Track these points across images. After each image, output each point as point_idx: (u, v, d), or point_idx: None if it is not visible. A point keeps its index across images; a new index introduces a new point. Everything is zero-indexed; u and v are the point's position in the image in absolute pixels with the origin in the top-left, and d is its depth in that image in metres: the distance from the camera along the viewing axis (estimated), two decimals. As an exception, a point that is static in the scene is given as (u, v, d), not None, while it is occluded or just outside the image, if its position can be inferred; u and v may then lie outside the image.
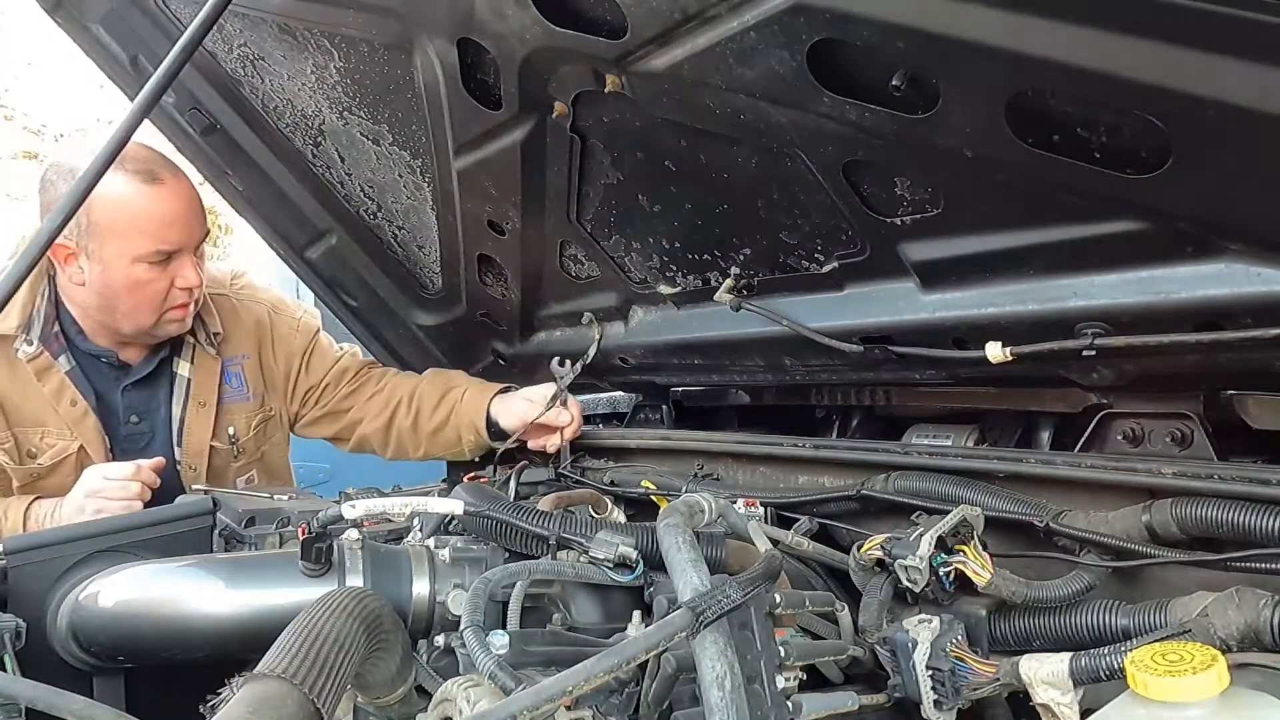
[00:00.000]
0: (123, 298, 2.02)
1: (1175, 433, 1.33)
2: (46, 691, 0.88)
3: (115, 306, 2.04)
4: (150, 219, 1.97)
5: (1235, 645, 0.99)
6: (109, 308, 2.04)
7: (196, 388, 2.23)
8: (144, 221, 1.97)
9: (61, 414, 2.07)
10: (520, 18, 1.35)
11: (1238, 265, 1.07)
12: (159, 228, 1.98)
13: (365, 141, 1.99)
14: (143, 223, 1.97)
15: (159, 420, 2.21)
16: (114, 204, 1.93)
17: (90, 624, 1.34)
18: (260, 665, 0.93)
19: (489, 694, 1.02)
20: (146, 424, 2.19)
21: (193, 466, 2.21)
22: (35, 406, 2.06)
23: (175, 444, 2.20)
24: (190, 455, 2.21)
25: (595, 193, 1.71)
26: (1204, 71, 0.86)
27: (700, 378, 2.14)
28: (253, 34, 1.89)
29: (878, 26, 1.02)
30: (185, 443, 2.21)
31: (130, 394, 2.18)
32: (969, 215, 1.26)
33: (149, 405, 2.20)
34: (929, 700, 1.13)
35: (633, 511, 1.83)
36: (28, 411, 2.06)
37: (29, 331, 2.05)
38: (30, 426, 2.07)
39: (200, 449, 2.23)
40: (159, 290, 2.03)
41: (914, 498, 1.38)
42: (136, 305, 2.03)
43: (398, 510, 1.35)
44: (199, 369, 2.24)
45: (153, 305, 2.04)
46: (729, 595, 1.00)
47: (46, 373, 2.07)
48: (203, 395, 2.24)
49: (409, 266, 2.35)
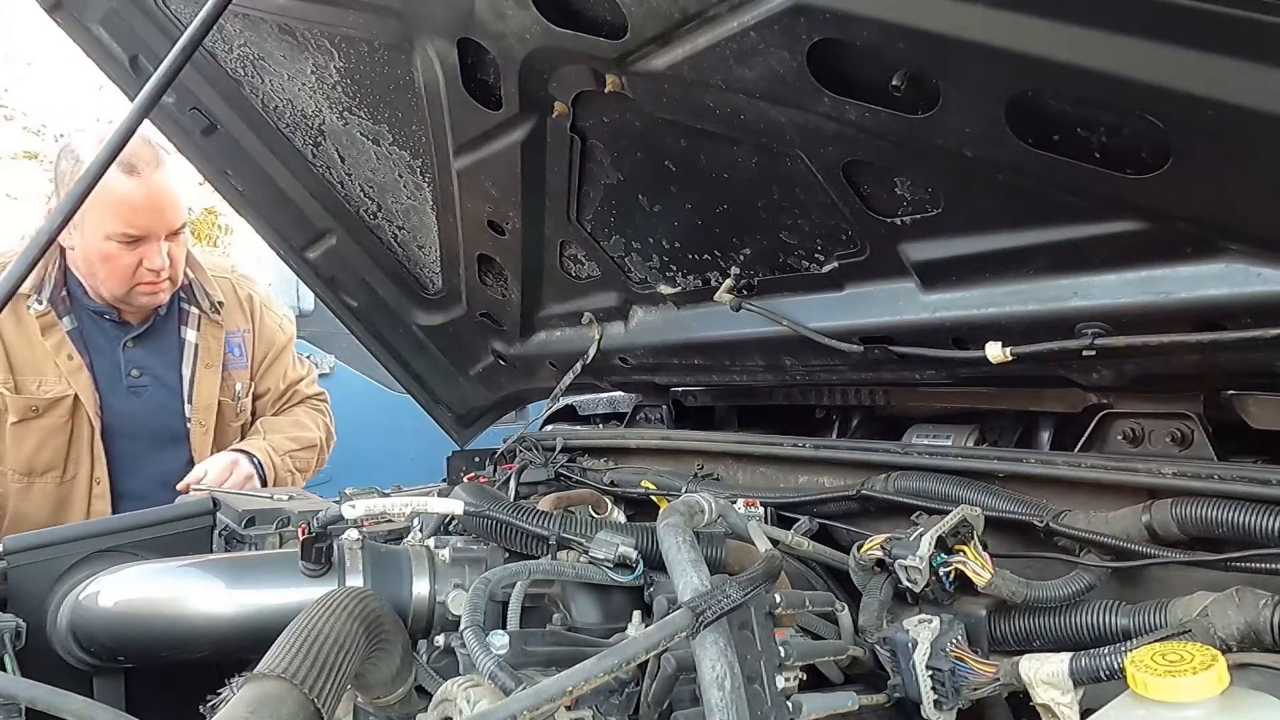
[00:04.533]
0: (97, 266, 2.34)
1: (1175, 433, 1.33)
2: (46, 691, 0.88)
3: (94, 273, 2.36)
4: (121, 204, 2.26)
5: (1235, 645, 0.99)
6: (90, 273, 2.37)
7: (204, 352, 2.55)
8: (115, 205, 2.25)
9: (60, 366, 2.36)
10: (520, 18, 1.35)
11: (1238, 265, 1.07)
12: (128, 213, 2.27)
13: (365, 141, 1.99)
14: (115, 206, 2.25)
15: (166, 377, 2.51)
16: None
17: (90, 624, 1.34)
18: (260, 665, 0.93)
19: (489, 694, 1.02)
20: (148, 378, 2.50)
21: (201, 422, 2.53)
22: (37, 357, 2.36)
23: (186, 400, 2.53)
24: (199, 411, 2.53)
25: (595, 193, 1.71)
26: (1204, 71, 0.86)
27: (700, 378, 2.14)
28: (253, 34, 1.88)
29: (878, 26, 1.02)
30: (195, 399, 2.53)
31: (131, 350, 2.49)
32: (969, 215, 1.26)
33: (151, 362, 2.50)
34: (929, 700, 1.13)
35: (633, 511, 1.83)
36: (29, 360, 2.36)
37: (40, 293, 2.36)
38: (30, 374, 2.37)
39: (209, 404, 2.55)
40: (128, 265, 2.33)
41: (914, 498, 1.38)
42: (109, 275, 2.34)
43: (398, 510, 1.35)
44: (205, 335, 2.56)
45: (123, 277, 2.35)
46: (729, 595, 1.00)
47: (50, 330, 2.37)
48: (209, 359, 2.56)
49: (409, 266, 2.35)
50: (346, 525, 1.32)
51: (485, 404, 2.68)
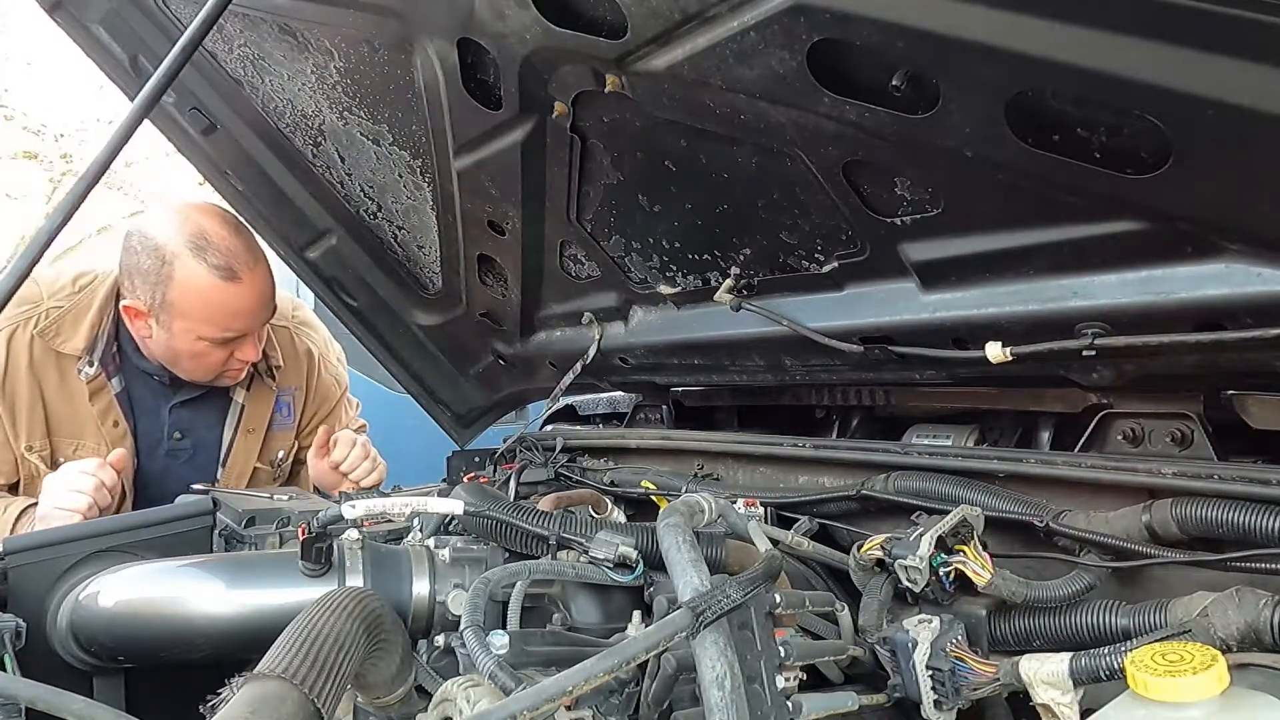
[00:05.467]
0: (184, 360, 2.18)
1: (1175, 433, 1.33)
2: (46, 691, 0.88)
3: (177, 363, 2.20)
4: (222, 313, 2.10)
5: (1235, 645, 0.99)
6: (172, 363, 2.21)
7: (248, 416, 2.37)
8: (215, 314, 2.09)
9: (104, 433, 2.19)
10: (520, 18, 1.35)
11: (1238, 265, 1.07)
12: (228, 319, 2.11)
13: (365, 141, 1.99)
14: (214, 314, 2.09)
15: (205, 439, 2.34)
16: (191, 291, 2.06)
17: (90, 624, 1.34)
18: (260, 665, 0.93)
19: (489, 694, 1.02)
20: (189, 441, 2.33)
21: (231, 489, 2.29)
22: (79, 419, 2.19)
23: (220, 465, 2.34)
24: (232, 479, 2.34)
25: (595, 193, 1.71)
26: (1204, 71, 0.86)
27: (700, 378, 2.13)
28: (253, 34, 1.88)
29: (878, 26, 1.02)
30: (229, 465, 2.34)
31: (178, 411, 2.31)
32: (969, 215, 1.26)
33: (195, 424, 2.33)
34: (929, 700, 1.13)
35: (633, 511, 1.83)
36: (70, 422, 2.18)
37: (92, 354, 2.18)
38: (67, 437, 2.18)
39: (243, 473, 2.37)
40: (219, 360, 2.18)
41: (914, 498, 1.38)
42: (195, 368, 2.20)
43: (398, 510, 1.35)
44: (254, 397, 2.38)
45: (211, 370, 2.21)
46: (729, 595, 1.00)
47: (99, 394, 2.19)
48: (253, 423, 2.37)
49: (409, 266, 2.35)
50: (346, 525, 1.32)
51: (485, 404, 2.68)
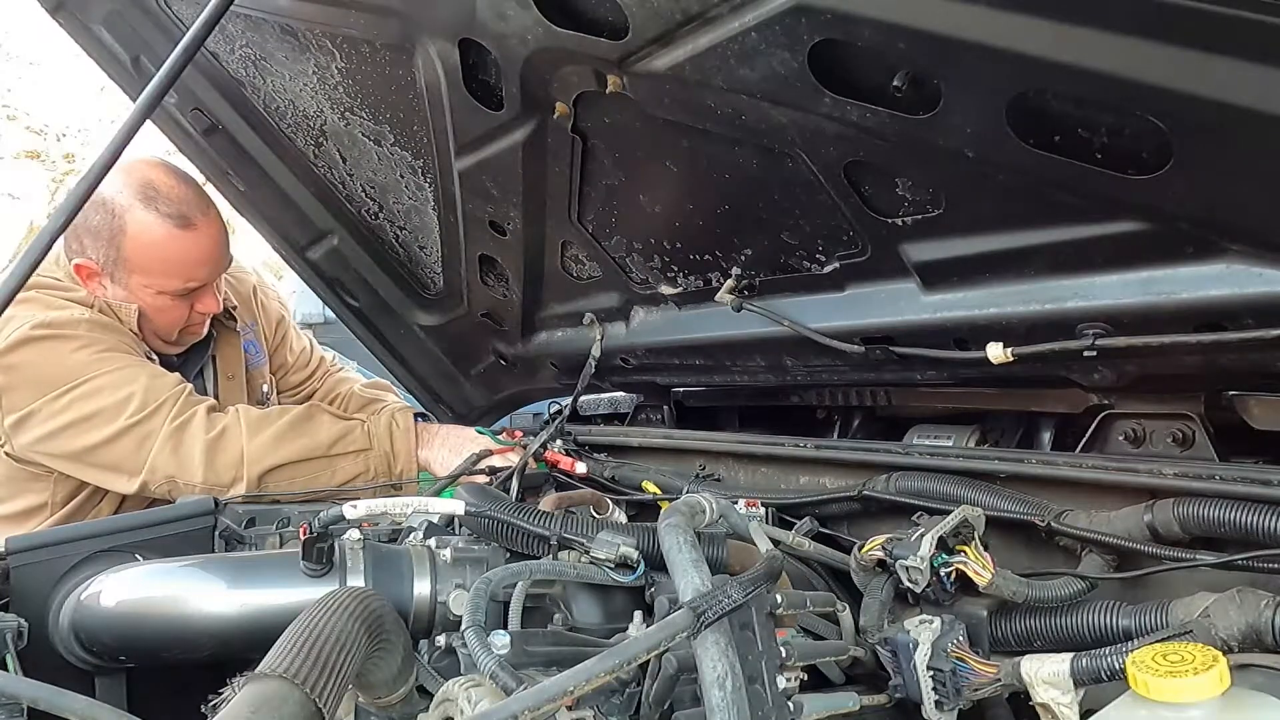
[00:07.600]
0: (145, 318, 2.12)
1: (1177, 433, 1.33)
2: (48, 691, 0.88)
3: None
4: (180, 262, 2.06)
5: (1236, 646, 0.99)
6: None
7: (223, 363, 2.37)
8: (173, 265, 2.06)
9: None
10: (522, 18, 1.35)
11: (1239, 266, 1.07)
12: (188, 269, 2.08)
13: (367, 142, 1.99)
14: (172, 265, 2.06)
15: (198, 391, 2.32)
16: (145, 245, 2.03)
17: (92, 623, 1.34)
18: (262, 665, 0.93)
19: (490, 694, 1.02)
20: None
21: None
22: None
23: None
24: None
25: (596, 193, 1.71)
26: (1205, 72, 0.86)
27: (701, 378, 2.14)
28: (255, 35, 1.89)
29: (879, 27, 1.02)
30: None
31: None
32: (970, 216, 1.26)
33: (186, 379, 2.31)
34: (930, 701, 1.13)
35: (634, 512, 1.83)
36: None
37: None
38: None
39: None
40: (180, 316, 2.15)
41: (915, 498, 1.38)
42: (157, 325, 2.15)
43: (399, 510, 1.35)
44: (222, 343, 2.37)
45: (172, 326, 2.17)
46: (730, 595, 1.00)
47: None
48: (230, 369, 2.38)
49: (410, 267, 2.36)
50: (348, 525, 1.32)
51: (486, 404, 2.68)
